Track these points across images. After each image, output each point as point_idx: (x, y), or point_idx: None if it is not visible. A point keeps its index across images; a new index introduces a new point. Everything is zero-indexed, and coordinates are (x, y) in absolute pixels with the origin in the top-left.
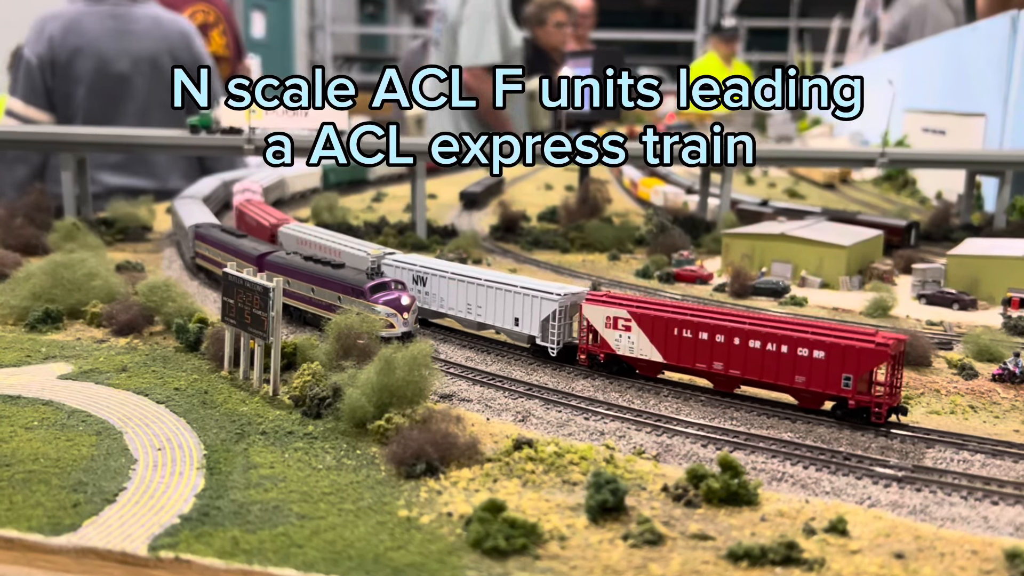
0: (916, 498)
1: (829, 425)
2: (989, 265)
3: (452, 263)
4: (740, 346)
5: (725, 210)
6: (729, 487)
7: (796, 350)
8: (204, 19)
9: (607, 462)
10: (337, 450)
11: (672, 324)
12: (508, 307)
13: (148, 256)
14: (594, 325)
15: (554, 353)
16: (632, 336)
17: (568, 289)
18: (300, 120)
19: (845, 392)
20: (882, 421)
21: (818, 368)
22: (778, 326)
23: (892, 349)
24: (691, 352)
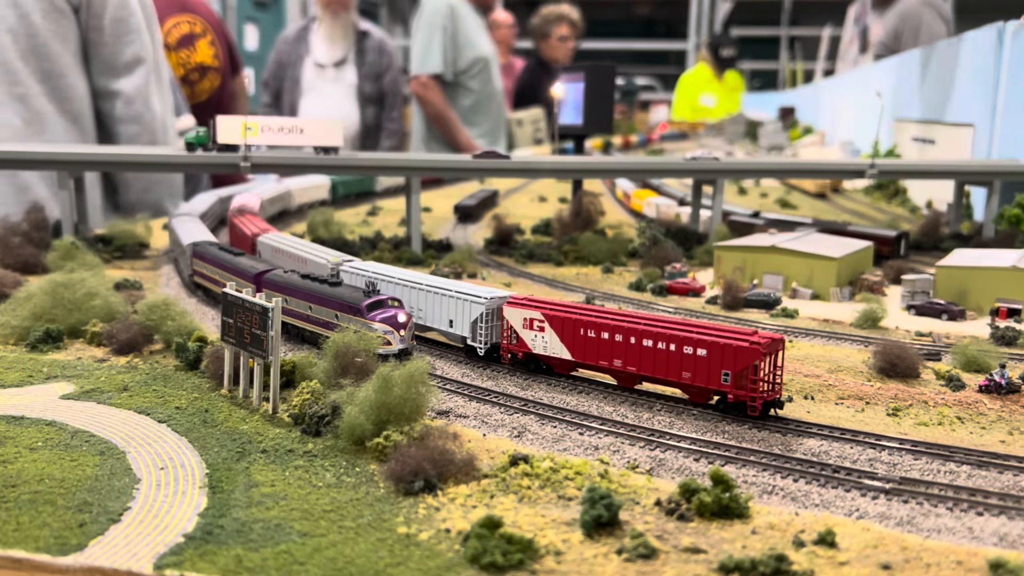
0: (903, 510)
1: (820, 439)
2: (977, 276)
3: (400, 269)
4: (636, 345)
5: (717, 222)
6: (720, 501)
7: (682, 348)
8: (190, 29)
9: (601, 477)
10: (337, 468)
11: (578, 324)
12: (445, 310)
13: (146, 274)
14: (513, 326)
15: (481, 352)
16: (546, 336)
17: (495, 293)
18: (296, 137)
19: (725, 387)
20: (757, 414)
21: (701, 365)
22: (668, 326)
23: (764, 348)
24: (595, 350)
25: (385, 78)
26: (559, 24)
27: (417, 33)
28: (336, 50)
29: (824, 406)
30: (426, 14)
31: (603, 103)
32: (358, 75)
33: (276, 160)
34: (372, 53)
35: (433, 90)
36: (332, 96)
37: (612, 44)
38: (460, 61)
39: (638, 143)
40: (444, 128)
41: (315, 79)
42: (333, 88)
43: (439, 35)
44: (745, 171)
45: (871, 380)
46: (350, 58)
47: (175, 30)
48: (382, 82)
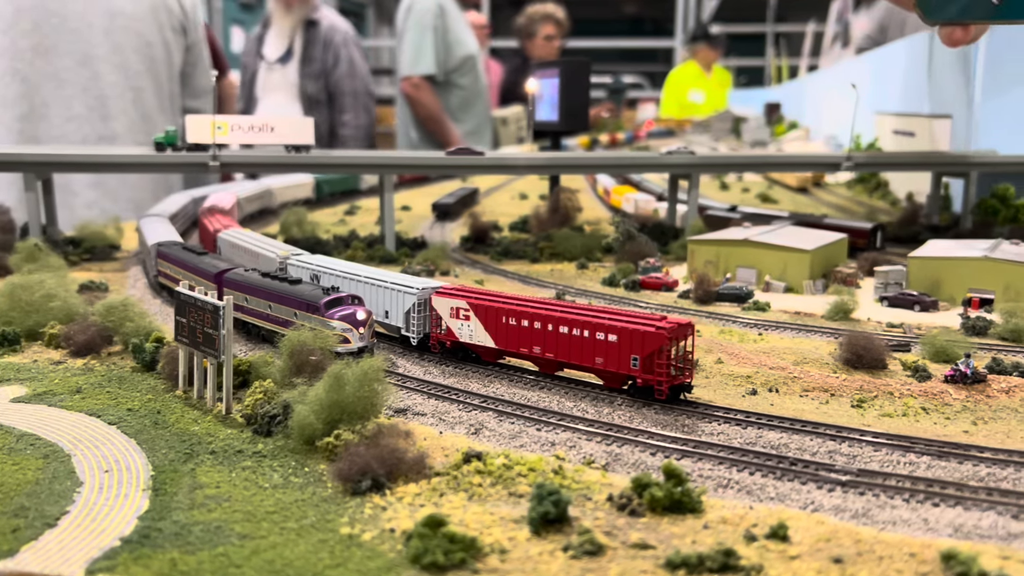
0: (859, 502)
1: (780, 431)
2: (950, 266)
3: (343, 262)
4: (553, 332)
5: (693, 217)
6: (672, 495)
7: (595, 334)
8: None
9: (555, 473)
10: (285, 468)
11: (500, 312)
12: (381, 301)
13: (114, 275)
14: (441, 315)
15: (415, 342)
16: (471, 324)
17: (427, 283)
18: (267, 135)
19: (634, 372)
20: (664, 398)
21: (612, 350)
22: (582, 313)
23: (670, 333)
24: (516, 338)
25: (332, 75)
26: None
27: (406, 34)
28: (280, 45)
29: (788, 399)
30: (416, 14)
31: (579, 99)
32: (299, 72)
33: (245, 159)
34: (317, 46)
35: (425, 91)
36: (276, 98)
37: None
38: (450, 60)
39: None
40: (436, 129)
41: (263, 80)
42: (278, 89)
43: (430, 35)
44: (720, 165)
45: (837, 372)
46: (294, 53)
47: None
48: (328, 80)
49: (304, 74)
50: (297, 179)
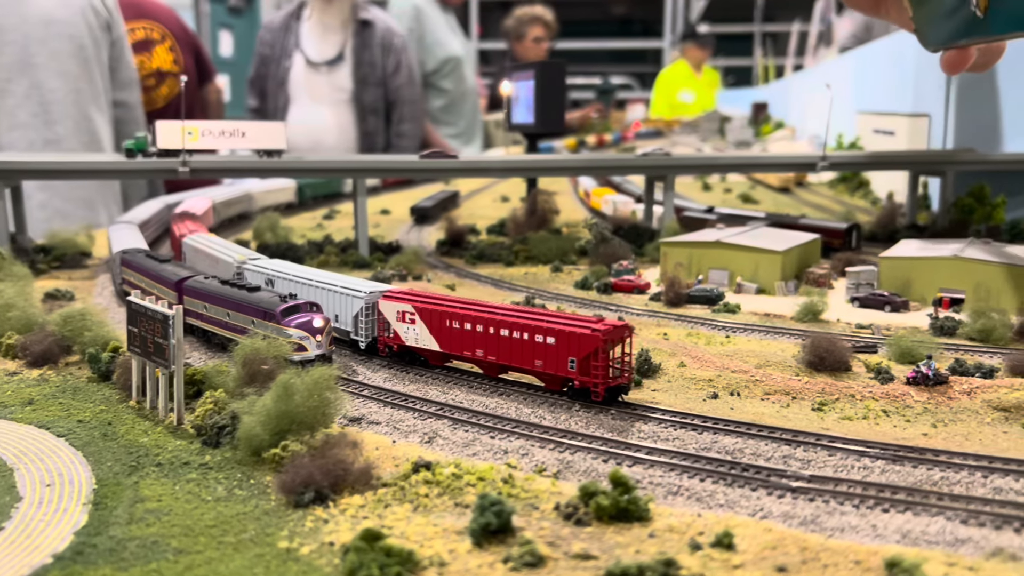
0: (808, 508)
1: (736, 436)
2: (920, 266)
3: (297, 266)
4: (494, 335)
5: (668, 218)
6: (618, 504)
7: (534, 337)
8: (146, 35)
9: (505, 482)
10: (230, 480)
11: (444, 316)
12: (331, 305)
13: (82, 283)
14: (388, 319)
15: (363, 346)
16: (416, 328)
17: (376, 287)
18: (237, 141)
19: (571, 374)
20: (600, 400)
21: (551, 353)
22: (522, 316)
23: (605, 335)
24: (460, 341)
25: (392, 82)
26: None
27: None
28: (328, 45)
29: (750, 402)
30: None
31: (554, 101)
32: (354, 78)
33: (216, 164)
34: (374, 50)
35: None
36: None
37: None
38: (429, 62)
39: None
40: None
41: (304, 81)
42: (324, 94)
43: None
44: (695, 167)
45: (799, 374)
46: (346, 56)
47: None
48: (387, 88)
49: (360, 80)
50: (279, 183)
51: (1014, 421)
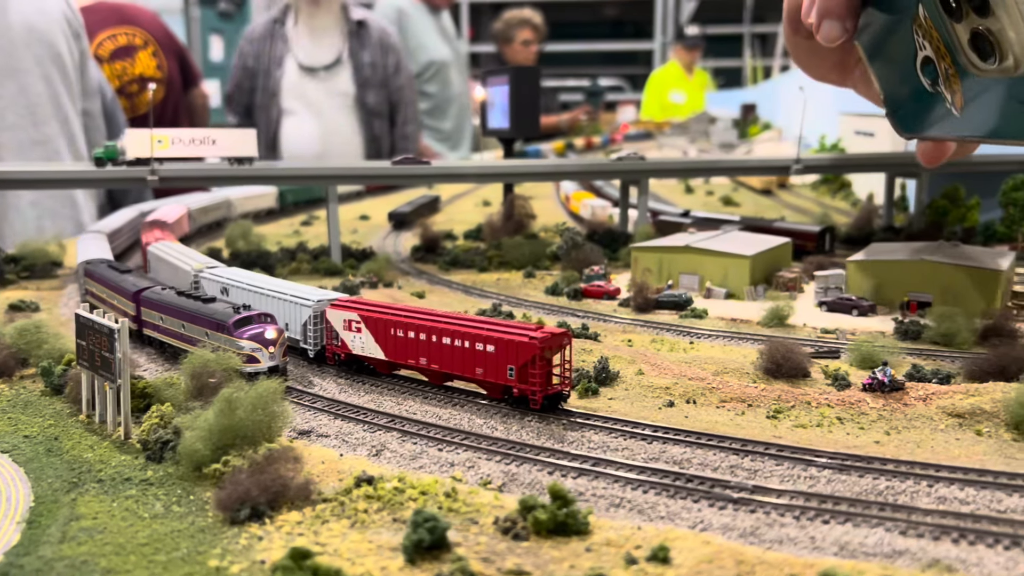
0: (748, 520)
1: (684, 446)
2: (888, 269)
3: (251, 274)
4: (437, 343)
5: (641, 223)
6: (556, 517)
7: (475, 345)
8: (127, 41)
9: (448, 496)
10: (170, 497)
11: (389, 325)
12: (281, 313)
13: (50, 293)
14: (335, 328)
15: (312, 354)
16: (363, 337)
17: (326, 295)
18: (208, 148)
19: (511, 381)
20: (538, 407)
21: (491, 361)
22: (464, 324)
23: (542, 343)
24: (404, 349)
25: (394, 82)
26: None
27: None
28: (323, 49)
29: (705, 410)
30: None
31: (529, 106)
32: (356, 81)
33: (186, 172)
34: (373, 50)
35: None
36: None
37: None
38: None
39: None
40: None
41: (300, 89)
42: (323, 100)
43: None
44: (668, 171)
45: (757, 382)
46: (344, 58)
47: (109, 42)
48: (390, 88)
49: (362, 83)
50: (259, 189)
51: (967, 428)
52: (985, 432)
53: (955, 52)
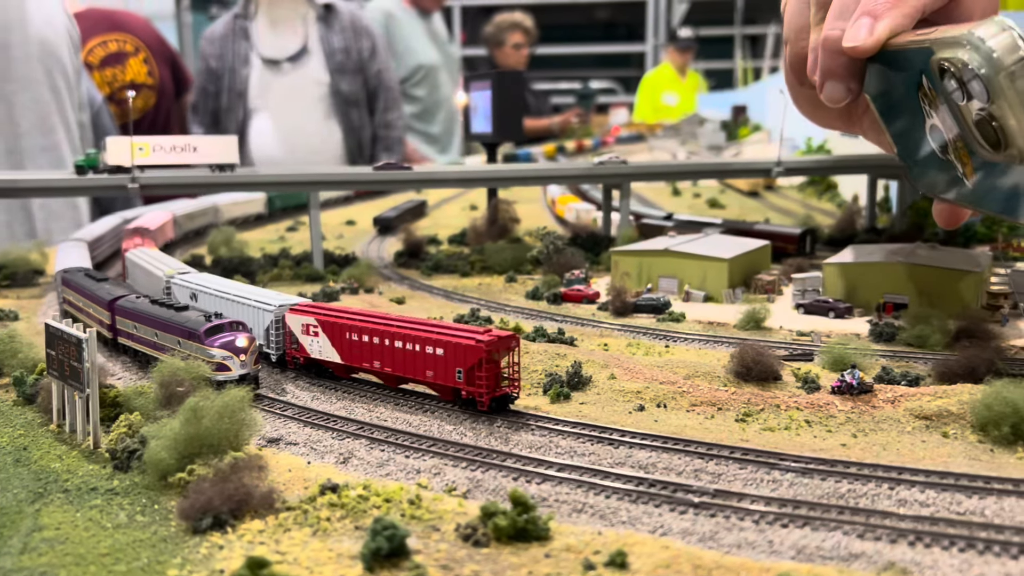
0: (708, 524)
1: (650, 450)
2: (864, 271)
3: (219, 279)
4: (389, 346)
5: (623, 226)
6: (516, 523)
7: (425, 348)
8: (119, 48)
9: (411, 503)
10: (135, 506)
11: (344, 328)
12: (245, 318)
13: (30, 302)
14: (294, 332)
15: (274, 359)
16: (320, 341)
17: (288, 300)
18: (189, 156)
19: (459, 384)
20: (485, 409)
21: (440, 363)
22: (414, 328)
23: (488, 346)
24: (359, 353)
25: (371, 67)
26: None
27: None
28: (287, 39)
29: (675, 414)
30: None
31: (512, 110)
32: (328, 68)
33: (166, 180)
34: (345, 35)
35: None
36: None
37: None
38: (400, 70)
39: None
40: None
41: (266, 86)
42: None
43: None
44: (649, 174)
45: (727, 385)
46: (312, 46)
47: (99, 49)
48: (366, 73)
49: (335, 69)
50: (247, 194)
51: (934, 430)
52: (952, 434)
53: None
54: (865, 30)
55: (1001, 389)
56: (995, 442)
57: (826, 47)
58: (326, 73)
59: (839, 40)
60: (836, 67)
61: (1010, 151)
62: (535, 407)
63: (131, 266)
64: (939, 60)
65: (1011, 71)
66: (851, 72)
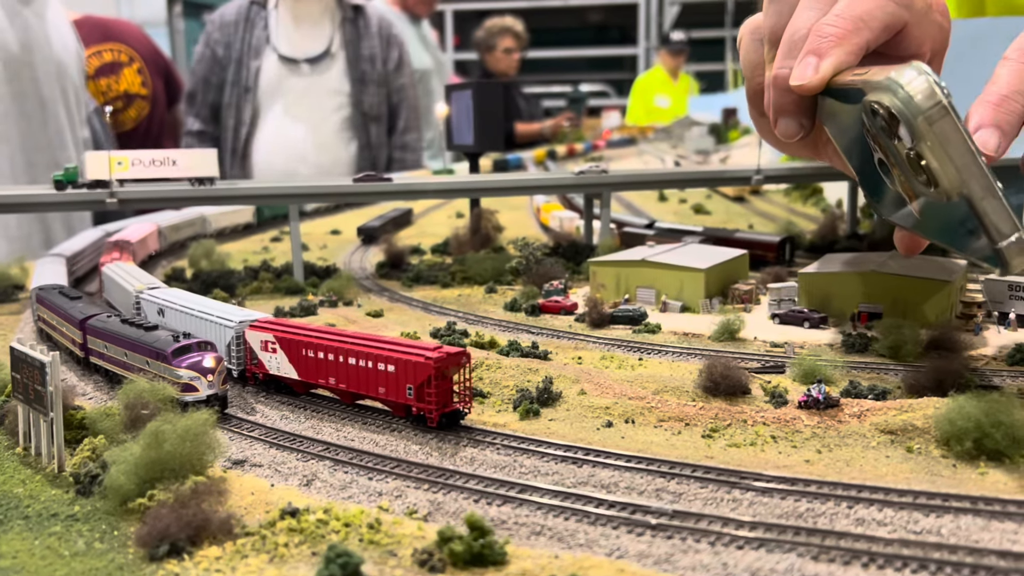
0: (664, 546)
1: (613, 469)
2: (838, 281)
3: (186, 295)
4: (343, 363)
5: (604, 235)
6: (472, 548)
7: (377, 365)
8: (113, 58)
9: (371, 527)
10: (94, 533)
11: (300, 345)
12: (208, 334)
13: (8, 319)
14: (253, 348)
15: (235, 374)
16: (278, 357)
17: (250, 316)
18: (168, 170)
19: (409, 400)
20: (434, 425)
21: (392, 380)
22: (367, 344)
23: (437, 362)
24: (316, 370)
25: (395, 80)
26: (503, 36)
27: None
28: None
29: (642, 430)
30: None
31: (492, 120)
32: (350, 77)
33: (145, 195)
34: (372, 40)
35: None
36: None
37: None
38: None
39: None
40: None
41: (280, 85)
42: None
43: None
44: (629, 184)
45: (695, 400)
46: (335, 50)
47: (94, 59)
48: (390, 87)
49: (358, 79)
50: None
51: (899, 444)
52: (916, 449)
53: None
54: (811, 69)
55: (964, 403)
56: (958, 457)
57: (776, 85)
58: (347, 82)
59: (787, 78)
60: (787, 104)
61: (939, 190)
62: (504, 424)
63: (107, 281)
64: (869, 102)
65: (928, 115)
66: (801, 109)
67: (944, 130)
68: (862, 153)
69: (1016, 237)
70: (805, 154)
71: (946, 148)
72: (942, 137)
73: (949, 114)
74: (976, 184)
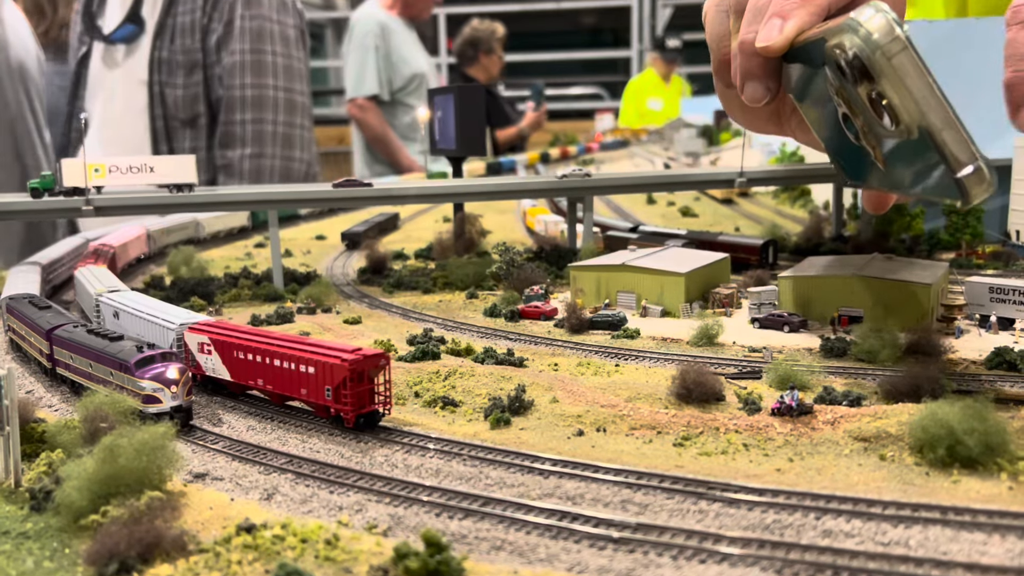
0: (626, 561)
1: (579, 480)
2: (819, 284)
3: (139, 297)
4: (269, 365)
5: (586, 240)
6: (428, 565)
7: (299, 367)
8: None
9: (328, 543)
10: (44, 551)
11: (230, 347)
12: (154, 337)
13: None
14: (192, 350)
15: None
16: (213, 359)
17: (192, 318)
18: (146, 176)
19: (328, 402)
20: (351, 426)
21: (312, 382)
22: (290, 346)
23: (352, 364)
24: (246, 371)
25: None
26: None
27: (349, 55)
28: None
29: (614, 438)
30: (356, 35)
31: (475, 124)
32: (151, 57)
33: (122, 202)
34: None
35: (371, 112)
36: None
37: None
38: (396, 79)
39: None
40: (383, 150)
41: (99, 70)
42: (115, 87)
43: (372, 55)
44: (611, 187)
45: (668, 407)
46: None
47: None
48: (206, 74)
49: (159, 63)
50: None
51: (872, 452)
52: (889, 456)
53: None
54: (776, 30)
55: (936, 410)
56: (931, 464)
57: (742, 50)
58: (145, 67)
59: (753, 42)
60: (753, 67)
61: (901, 127)
62: (474, 434)
63: (78, 286)
64: (830, 47)
65: (886, 49)
66: (767, 71)
67: (903, 63)
68: (826, 114)
69: (974, 167)
70: (769, 128)
71: (905, 81)
72: (901, 70)
73: (907, 48)
74: (935, 116)
